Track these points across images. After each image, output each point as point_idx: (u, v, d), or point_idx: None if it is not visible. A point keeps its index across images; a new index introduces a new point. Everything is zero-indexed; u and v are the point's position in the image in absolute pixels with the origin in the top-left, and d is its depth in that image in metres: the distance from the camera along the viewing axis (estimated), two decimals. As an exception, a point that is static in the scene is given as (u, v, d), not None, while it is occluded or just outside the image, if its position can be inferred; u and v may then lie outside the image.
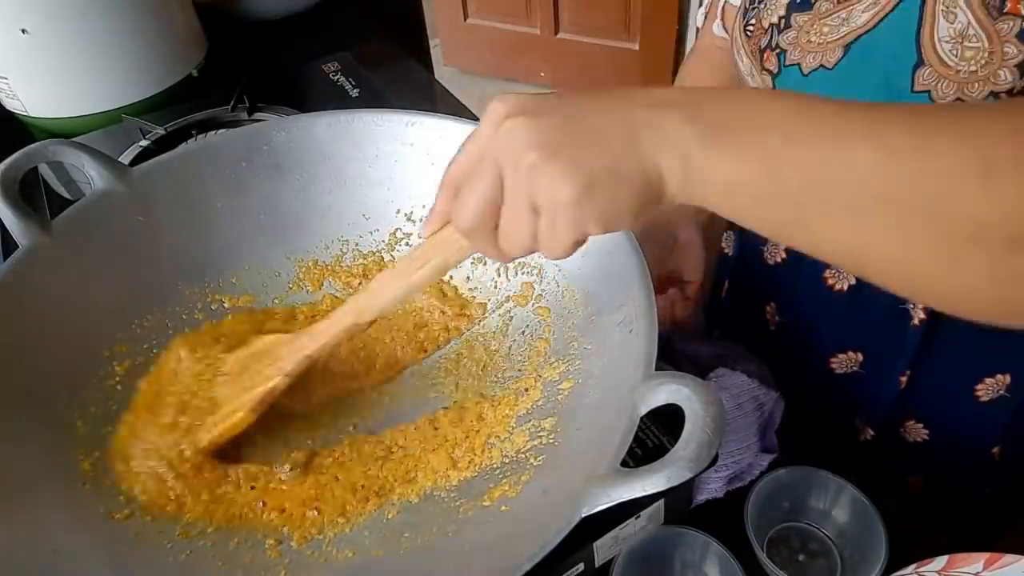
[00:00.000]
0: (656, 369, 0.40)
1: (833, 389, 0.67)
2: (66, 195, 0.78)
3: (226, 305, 0.59)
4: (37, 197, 0.77)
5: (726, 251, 0.80)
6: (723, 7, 0.71)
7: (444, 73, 2.59)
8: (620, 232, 0.49)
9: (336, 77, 0.94)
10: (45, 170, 0.81)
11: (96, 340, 0.53)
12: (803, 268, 0.65)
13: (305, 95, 0.92)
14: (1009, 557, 0.41)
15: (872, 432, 0.69)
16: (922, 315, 0.60)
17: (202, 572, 0.45)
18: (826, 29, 0.51)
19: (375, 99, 0.90)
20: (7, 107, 0.88)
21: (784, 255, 0.67)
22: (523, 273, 0.57)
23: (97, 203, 0.56)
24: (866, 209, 0.30)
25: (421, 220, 0.61)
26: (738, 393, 0.55)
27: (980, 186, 0.28)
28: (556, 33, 2.36)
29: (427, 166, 0.60)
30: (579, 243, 0.35)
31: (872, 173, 0.29)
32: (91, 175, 0.56)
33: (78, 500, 0.46)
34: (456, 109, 0.92)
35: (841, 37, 0.50)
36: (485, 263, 0.59)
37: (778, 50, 0.54)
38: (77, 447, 0.49)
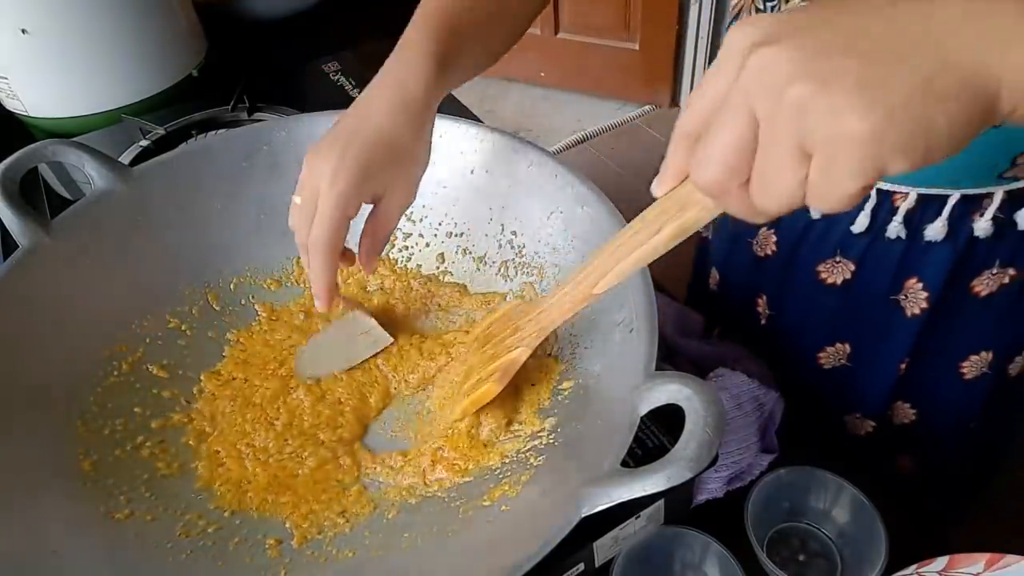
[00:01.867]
0: (656, 369, 0.40)
1: (821, 384, 0.67)
2: (66, 195, 0.78)
3: (216, 307, 0.59)
4: (37, 197, 0.77)
5: (705, 235, 0.79)
6: None
7: (444, 73, 2.59)
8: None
9: (336, 77, 0.94)
10: (45, 170, 0.81)
11: (96, 340, 0.53)
12: (796, 261, 0.65)
13: (305, 95, 0.92)
14: (1010, 557, 0.41)
15: (873, 424, 0.69)
16: (924, 305, 0.60)
17: (202, 572, 0.45)
18: None
19: (375, 99, 0.90)
20: (7, 107, 0.88)
21: (775, 248, 0.67)
22: (523, 274, 0.57)
23: (97, 203, 0.56)
24: None
25: (421, 220, 0.61)
26: (738, 393, 0.55)
27: None
28: (556, 33, 2.36)
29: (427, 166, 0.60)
30: (868, 188, 0.26)
31: None
32: (91, 175, 0.56)
33: (78, 500, 0.46)
34: (456, 109, 0.92)
35: None
36: (486, 264, 0.59)
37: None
38: (77, 447, 0.49)
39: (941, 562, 0.43)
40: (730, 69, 0.28)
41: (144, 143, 0.82)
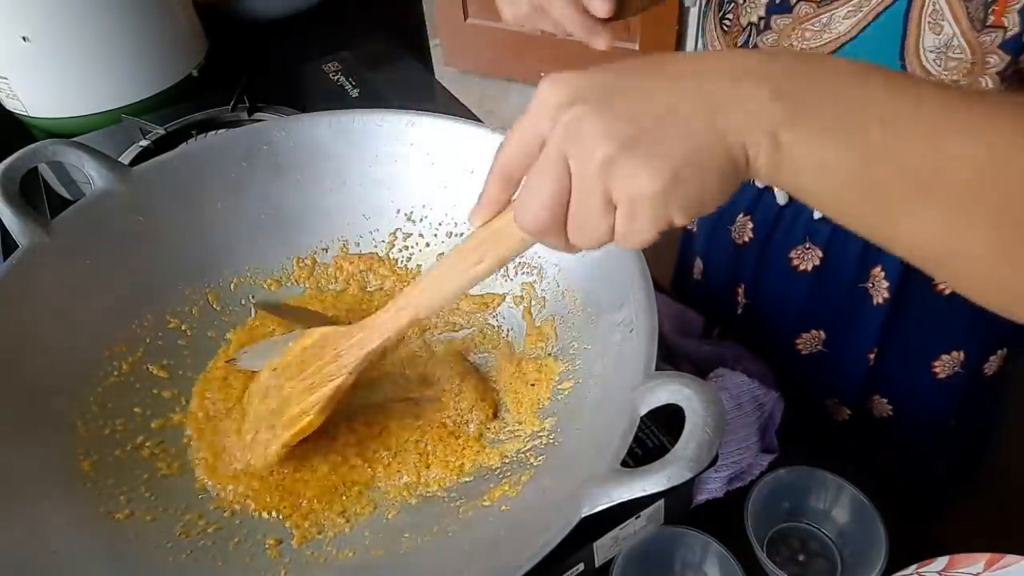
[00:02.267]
0: (656, 369, 0.40)
1: (801, 370, 0.69)
2: (66, 195, 0.78)
3: (216, 307, 0.59)
4: (37, 197, 0.77)
5: (690, 228, 0.81)
6: None
7: (444, 73, 2.59)
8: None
9: (336, 77, 0.94)
10: (45, 170, 0.81)
11: (96, 340, 0.53)
12: (770, 248, 0.67)
13: (305, 95, 0.92)
14: (1010, 557, 0.41)
15: (849, 412, 0.71)
16: (886, 295, 0.62)
17: (202, 572, 0.45)
18: (808, 35, 0.51)
19: (375, 99, 0.90)
20: (7, 107, 0.88)
21: (751, 235, 0.69)
22: (523, 274, 0.57)
23: (97, 203, 0.56)
24: (965, 207, 0.28)
25: (421, 220, 0.61)
26: (738, 393, 0.55)
27: None
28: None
29: (427, 166, 0.60)
30: (661, 233, 0.32)
31: (980, 169, 0.28)
32: (91, 175, 0.56)
33: (78, 500, 0.46)
34: (456, 109, 0.92)
35: (824, 44, 0.50)
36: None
37: None
38: (77, 447, 0.49)
39: (941, 562, 0.43)
40: (544, 121, 0.32)
41: (144, 143, 0.82)
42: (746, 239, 0.69)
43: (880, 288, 0.63)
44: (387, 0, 1.21)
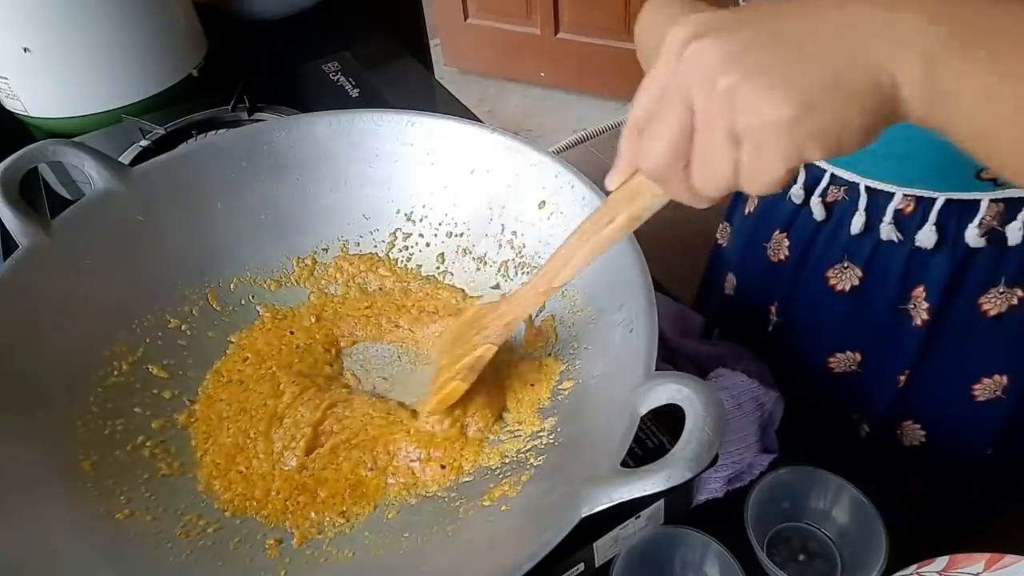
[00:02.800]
0: (656, 369, 0.40)
1: (830, 388, 0.67)
2: (66, 195, 0.78)
3: (216, 307, 0.59)
4: (37, 197, 0.77)
5: (721, 243, 0.79)
6: None
7: (444, 73, 2.59)
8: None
9: (336, 77, 0.94)
10: (45, 170, 0.81)
11: (96, 340, 0.53)
12: (806, 266, 0.65)
13: (305, 95, 0.92)
14: (1010, 558, 0.41)
15: (867, 428, 0.68)
16: (924, 316, 0.59)
17: (202, 572, 0.45)
18: None
19: (375, 99, 0.90)
20: (7, 107, 0.88)
21: (787, 253, 0.66)
22: (523, 274, 0.57)
23: (97, 203, 0.56)
24: None
25: (421, 220, 0.61)
26: (738, 393, 0.55)
27: None
28: (556, 33, 2.36)
29: (427, 166, 0.60)
30: (793, 171, 0.30)
31: None
32: (91, 175, 0.56)
33: (78, 500, 0.46)
34: (456, 109, 0.92)
35: None
36: (486, 264, 0.59)
37: None
38: (77, 447, 0.49)
39: (941, 562, 0.43)
40: (670, 62, 0.30)
41: (144, 143, 0.82)
42: (781, 256, 0.67)
43: (920, 309, 0.60)
44: (387, 0, 1.21)
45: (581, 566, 0.47)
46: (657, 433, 0.49)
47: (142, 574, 0.44)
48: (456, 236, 0.60)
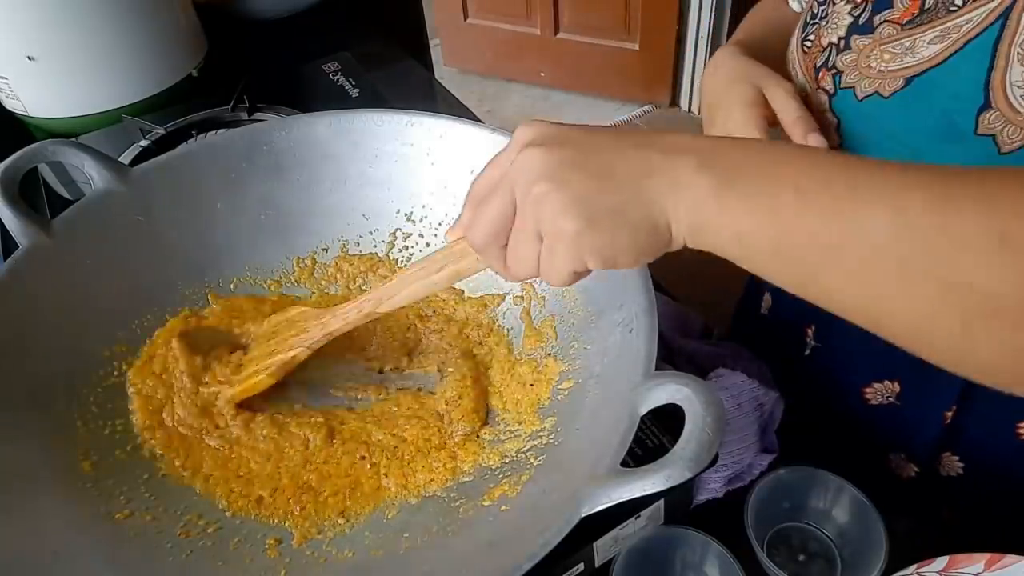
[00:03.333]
0: (656, 369, 0.40)
1: (868, 421, 0.65)
2: (66, 195, 0.78)
3: (216, 306, 0.59)
4: (37, 197, 0.77)
5: None
6: None
7: (444, 73, 2.59)
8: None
9: (336, 77, 0.94)
10: (45, 170, 0.81)
11: (96, 340, 0.53)
12: None
13: (305, 95, 0.92)
14: (1010, 557, 0.41)
15: (916, 469, 0.66)
16: None
17: (202, 572, 0.45)
18: (887, 56, 0.48)
19: (375, 99, 0.90)
20: (7, 107, 0.88)
21: None
22: (523, 273, 0.57)
23: (97, 203, 0.56)
24: (878, 271, 0.29)
25: (421, 220, 0.61)
26: (738, 393, 0.55)
27: (996, 259, 0.27)
28: (556, 33, 2.36)
29: (427, 166, 0.60)
30: (578, 274, 0.36)
31: (886, 236, 0.29)
32: (91, 175, 0.56)
33: (78, 500, 0.46)
34: (456, 109, 0.92)
35: (904, 68, 0.47)
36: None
37: (834, 71, 0.52)
38: (77, 447, 0.49)
39: (941, 562, 0.43)
40: (510, 156, 0.36)
41: (144, 143, 0.82)
42: None
43: None
44: (387, 0, 1.21)
45: (581, 566, 0.47)
46: (657, 433, 0.49)
47: (142, 574, 0.44)
48: (456, 236, 0.60)
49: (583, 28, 2.32)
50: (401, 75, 0.98)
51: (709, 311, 0.70)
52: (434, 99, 0.96)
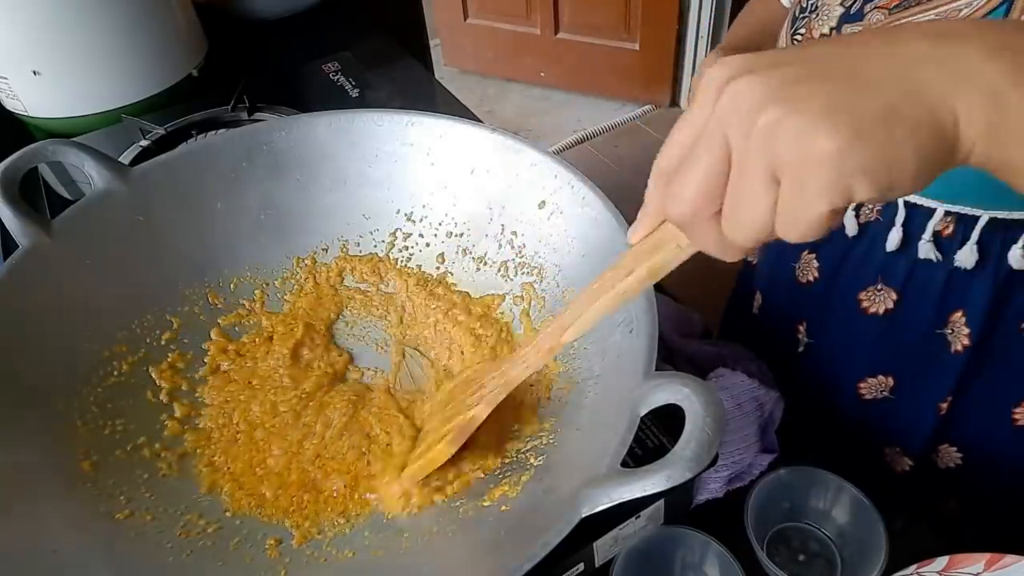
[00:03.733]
0: (656, 369, 0.40)
1: (862, 416, 0.65)
2: (66, 195, 0.78)
3: (225, 306, 0.59)
4: (37, 197, 0.77)
5: (751, 260, 0.77)
6: None
7: (444, 73, 2.59)
8: (620, 232, 0.49)
9: (336, 77, 0.94)
10: (45, 170, 0.81)
11: (96, 340, 0.53)
12: (836, 288, 0.63)
13: (305, 95, 0.92)
14: (1010, 558, 0.41)
15: (910, 463, 0.66)
16: (964, 342, 0.57)
17: (202, 572, 0.45)
18: None
19: (375, 99, 0.90)
20: (7, 107, 0.88)
21: (816, 275, 0.64)
22: (523, 274, 0.57)
23: (97, 203, 0.56)
24: None
25: (421, 220, 0.61)
26: (738, 393, 0.55)
27: None
28: (556, 33, 2.36)
29: (427, 166, 0.60)
30: (835, 214, 0.26)
31: None
32: (91, 175, 0.56)
33: (78, 500, 0.46)
34: (456, 109, 0.92)
35: None
36: (486, 264, 0.59)
37: None
38: (77, 447, 0.49)
39: (941, 562, 0.43)
40: (706, 103, 0.28)
41: (144, 143, 0.82)
42: (810, 278, 0.65)
43: (960, 334, 0.58)
44: (387, 0, 1.21)
45: (581, 566, 0.47)
46: (657, 433, 0.49)
47: (142, 574, 0.44)
48: (456, 236, 0.60)
49: (583, 28, 2.32)
50: (401, 75, 0.98)
51: (709, 311, 0.70)
52: (434, 99, 0.96)
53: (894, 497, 0.51)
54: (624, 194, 0.57)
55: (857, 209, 0.60)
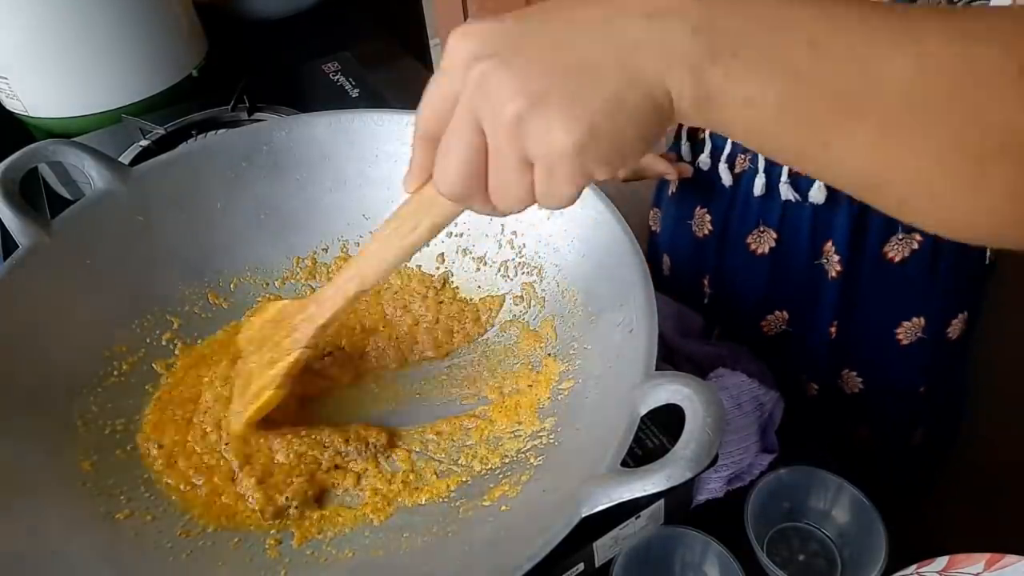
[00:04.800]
0: (656, 369, 0.40)
1: (769, 352, 0.69)
2: (66, 195, 0.78)
3: (225, 306, 0.59)
4: (37, 197, 0.77)
5: (654, 229, 0.84)
6: None
7: (444, 73, 2.59)
8: (620, 231, 0.49)
9: (336, 77, 0.94)
10: (45, 170, 0.81)
11: (96, 340, 0.53)
12: (728, 236, 0.70)
13: (305, 95, 0.92)
14: (1010, 558, 0.41)
15: (816, 386, 0.74)
16: (838, 268, 0.65)
17: (202, 572, 0.45)
18: None
19: (375, 99, 0.90)
20: (7, 107, 0.88)
21: (710, 227, 0.72)
22: (523, 273, 0.57)
23: (97, 203, 0.56)
24: (898, 122, 0.27)
25: (421, 220, 0.61)
26: (738, 393, 0.55)
27: (1016, 91, 0.26)
28: (556, 33, 2.36)
29: (427, 166, 0.60)
30: (583, 187, 0.31)
31: (910, 82, 0.27)
32: (91, 175, 0.56)
33: (78, 500, 0.46)
34: (456, 109, 0.92)
35: None
36: (486, 264, 0.59)
37: None
38: (77, 447, 0.49)
39: (941, 562, 0.43)
40: (455, 77, 0.31)
41: (144, 143, 0.82)
42: (706, 232, 0.73)
43: (833, 262, 0.65)
44: (387, 0, 1.21)
45: (581, 566, 0.47)
46: (657, 433, 0.49)
47: (142, 574, 0.44)
48: (456, 236, 0.60)
49: (583, 28, 2.32)
50: (401, 75, 0.98)
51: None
52: (434, 99, 0.96)
53: (810, 423, 0.58)
54: (623, 194, 0.57)
55: (731, 161, 0.68)
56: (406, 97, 0.92)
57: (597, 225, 0.51)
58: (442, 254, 0.61)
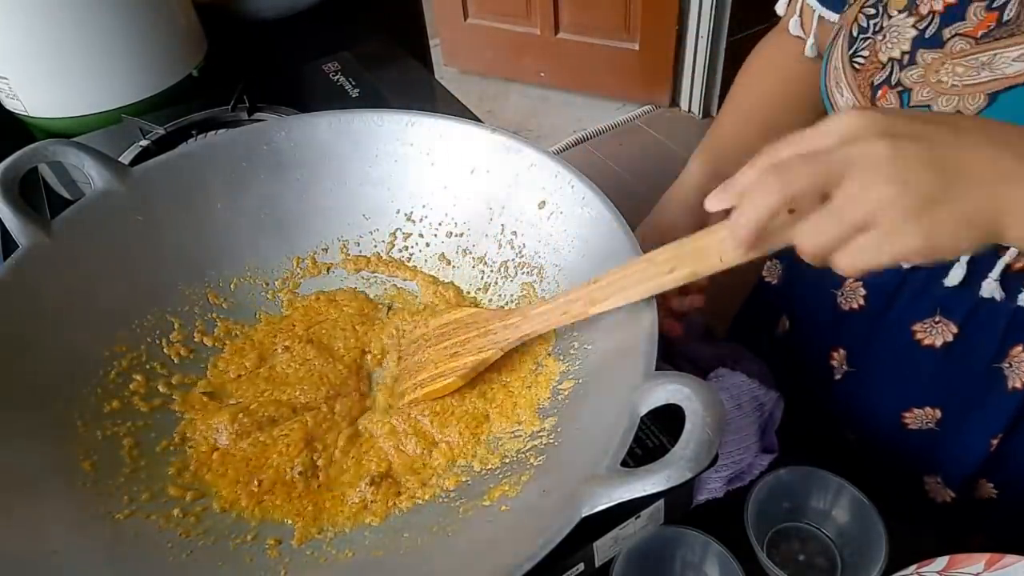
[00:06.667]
0: (656, 369, 0.40)
1: (904, 444, 0.63)
2: (66, 195, 0.78)
3: (225, 306, 0.59)
4: (37, 197, 0.77)
5: (768, 280, 0.75)
6: (801, 6, 0.65)
7: (444, 73, 2.59)
8: (620, 231, 0.49)
9: (336, 77, 0.94)
10: (45, 170, 0.81)
11: (96, 340, 0.53)
12: (887, 318, 0.60)
13: (305, 95, 0.92)
14: (1010, 558, 0.41)
15: (952, 494, 0.64)
16: (1022, 380, 0.56)
17: (202, 572, 0.45)
18: (960, 70, 0.47)
19: (375, 99, 0.90)
20: (7, 107, 0.88)
21: (863, 302, 0.62)
22: (523, 274, 0.57)
23: (97, 203, 0.56)
24: None
25: (421, 220, 0.61)
26: (738, 393, 0.55)
27: None
28: (556, 33, 2.36)
29: (427, 166, 0.60)
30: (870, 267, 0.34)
31: None
32: (91, 175, 0.56)
33: (78, 500, 0.46)
34: (456, 109, 0.92)
35: (983, 83, 0.46)
36: (486, 264, 0.59)
37: (900, 88, 0.50)
38: (77, 447, 0.49)
39: (941, 562, 0.43)
40: (834, 135, 0.34)
41: (144, 143, 0.82)
42: (855, 305, 0.63)
43: (1019, 370, 0.56)
44: (387, 0, 1.21)
45: (581, 566, 0.47)
46: (657, 433, 0.49)
47: (142, 574, 0.44)
48: (456, 236, 0.60)
49: (583, 28, 2.32)
50: (401, 75, 0.98)
51: (709, 311, 0.70)
52: (434, 99, 0.96)
53: (930, 525, 0.50)
54: (624, 194, 0.57)
55: None
56: (406, 97, 0.92)
57: (597, 225, 0.51)
58: (442, 254, 0.61)
